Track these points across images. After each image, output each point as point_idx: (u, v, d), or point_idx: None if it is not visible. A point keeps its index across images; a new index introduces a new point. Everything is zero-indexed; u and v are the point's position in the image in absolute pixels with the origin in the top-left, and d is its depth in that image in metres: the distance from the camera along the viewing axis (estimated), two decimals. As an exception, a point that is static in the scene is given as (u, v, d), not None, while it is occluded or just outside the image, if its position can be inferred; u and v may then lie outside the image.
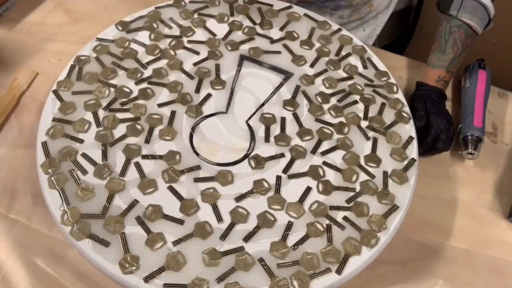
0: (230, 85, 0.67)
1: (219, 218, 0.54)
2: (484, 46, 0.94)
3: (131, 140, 0.59)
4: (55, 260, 0.58)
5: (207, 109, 0.64)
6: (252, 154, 0.60)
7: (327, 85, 0.68)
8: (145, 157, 0.58)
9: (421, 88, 0.72)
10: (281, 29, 0.74)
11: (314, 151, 0.61)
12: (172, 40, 0.70)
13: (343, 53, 0.72)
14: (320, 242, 0.54)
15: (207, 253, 0.51)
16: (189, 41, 0.70)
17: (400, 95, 0.68)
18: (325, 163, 0.60)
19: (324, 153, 0.61)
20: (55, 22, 0.81)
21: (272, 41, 0.72)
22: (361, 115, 0.65)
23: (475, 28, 0.74)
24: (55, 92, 0.63)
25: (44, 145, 0.58)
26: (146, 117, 0.61)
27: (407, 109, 0.67)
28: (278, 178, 0.58)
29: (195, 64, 0.68)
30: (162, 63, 0.67)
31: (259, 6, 0.76)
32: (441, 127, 0.67)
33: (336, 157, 0.61)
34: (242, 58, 0.70)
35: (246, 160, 0.59)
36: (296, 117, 0.64)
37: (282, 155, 0.60)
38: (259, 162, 0.59)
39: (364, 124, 0.64)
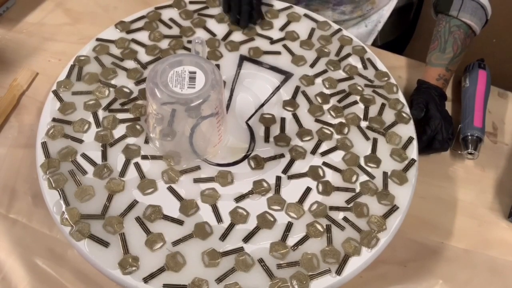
0: (230, 85, 0.67)
1: (219, 219, 0.54)
2: (484, 46, 0.93)
3: (131, 140, 0.59)
4: (55, 260, 0.58)
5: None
6: (252, 154, 0.60)
7: (327, 86, 0.68)
8: (144, 157, 0.58)
9: (422, 86, 0.72)
10: (281, 29, 0.74)
11: (314, 151, 0.61)
12: (172, 40, 0.70)
13: (343, 53, 0.72)
14: (320, 242, 0.54)
15: (207, 254, 0.51)
16: (189, 41, 0.70)
17: (400, 96, 0.68)
18: (325, 163, 0.60)
19: (324, 153, 0.61)
20: (55, 22, 0.81)
21: (272, 42, 0.72)
22: (361, 115, 0.65)
23: (474, 28, 0.74)
24: (55, 92, 0.63)
25: (44, 145, 0.58)
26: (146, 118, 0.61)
27: (407, 109, 0.66)
28: (278, 178, 0.58)
29: (195, 64, 0.68)
30: (162, 63, 0.67)
31: (259, 6, 0.76)
32: (437, 128, 0.67)
33: (336, 158, 0.61)
34: (242, 59, 0.70)
35: (246, 160, 0.59)
36: (296, 117, 0.64)
37: (282, 156, 0.60)
38: (259, 163, 0.59)
39: (364, 124, 0.64)
